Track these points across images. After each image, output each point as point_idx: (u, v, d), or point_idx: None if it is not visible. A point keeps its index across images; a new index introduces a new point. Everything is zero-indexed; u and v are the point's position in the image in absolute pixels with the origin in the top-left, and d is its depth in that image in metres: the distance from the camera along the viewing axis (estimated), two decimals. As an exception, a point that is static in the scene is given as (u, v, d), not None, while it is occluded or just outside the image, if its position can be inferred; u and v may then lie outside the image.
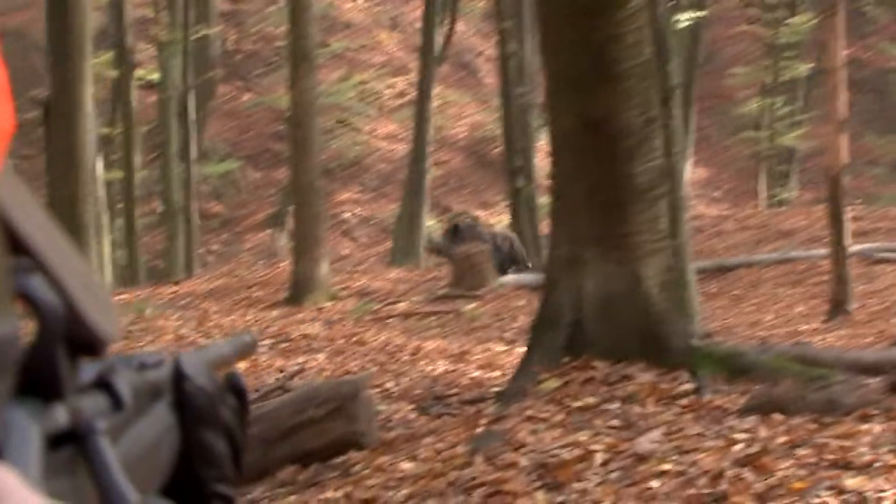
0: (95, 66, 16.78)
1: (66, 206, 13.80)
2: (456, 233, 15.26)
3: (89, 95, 13.92)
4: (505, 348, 9.13)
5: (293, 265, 13.91)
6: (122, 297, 15.10)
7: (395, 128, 26.91)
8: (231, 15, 29.34)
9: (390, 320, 11.87)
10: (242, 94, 28.63)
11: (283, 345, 9.75)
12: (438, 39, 20.70)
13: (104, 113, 22.15)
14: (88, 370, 0.67)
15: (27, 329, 0.57)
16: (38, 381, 0.58)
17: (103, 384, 0.68)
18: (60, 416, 0.60)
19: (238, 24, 29.48)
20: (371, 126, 27.60)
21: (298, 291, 13.37)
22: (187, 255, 21.61)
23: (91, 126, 14.36)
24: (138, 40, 23.32)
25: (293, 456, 5.91)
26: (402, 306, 12.99)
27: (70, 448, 0.60)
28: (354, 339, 10.05)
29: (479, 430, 5.68)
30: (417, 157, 20.08)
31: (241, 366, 8.67)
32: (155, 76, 23.66)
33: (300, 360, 8.97)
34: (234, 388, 0.90)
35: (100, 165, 18.22)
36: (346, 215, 23.65)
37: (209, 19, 26.03)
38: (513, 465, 5.00)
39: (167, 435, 0.79)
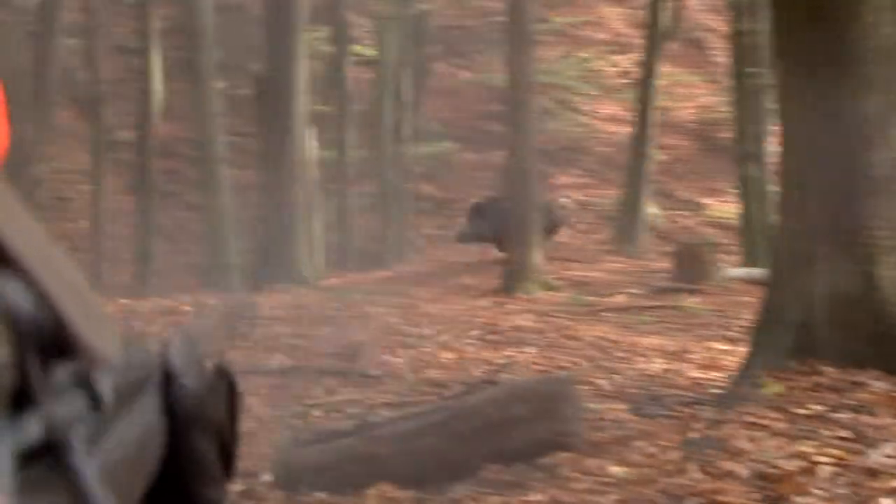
0: (311, 41, 17.24)
1: (277, 185, 14.27)
2: (479, 212, 15.39)
3: (303, 72, 14.32)
4: (726, 347, 8.95)
5: (506, 252, 13.98)
6: (332, 281, 15.49)
7: (617, 109, 26.68)
8: (450, -11, 29.64)
9: (605, 313, 11.77)
10: (460, 71, 28.91)
11: (492, 336, 9.79)
12: (666, 15, 20.38)
13: (321, 90, 22.72)
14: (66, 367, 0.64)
15: None
16: (9, 390, 0.57)
17: (82, 382, 0.64)
18: (33, 428, 0.58)
19: (457, -1, 29.77)
20: (592, 107, 27.42)
21: (511, 280, 13.42)
22: (399, 238, 21.98)
23: (304, 104, 14.77)
24: (356, 15, 23.83)
25: (496, 454, 5.92)
26: (618, 299, 12.88)
27: (45, 462, 0.58)
28: (567, 332, 10.02)
29: (694, 434, 5.59)
30: (640, 140, 19.84)
31: (447, 357, 8.77)
32: (371, 52, 24.13)
33: (509, 352, 9.00)
34: (224, 376, 0.87)
35: (314, 144, 18.72)
36: (564, 200, 23.57)
37: (427, -6, 26.36)
38: (730, 474, 4.89)
39: (151, 434, 0.77)
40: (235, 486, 6.23)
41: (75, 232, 19.20)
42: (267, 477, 6.21)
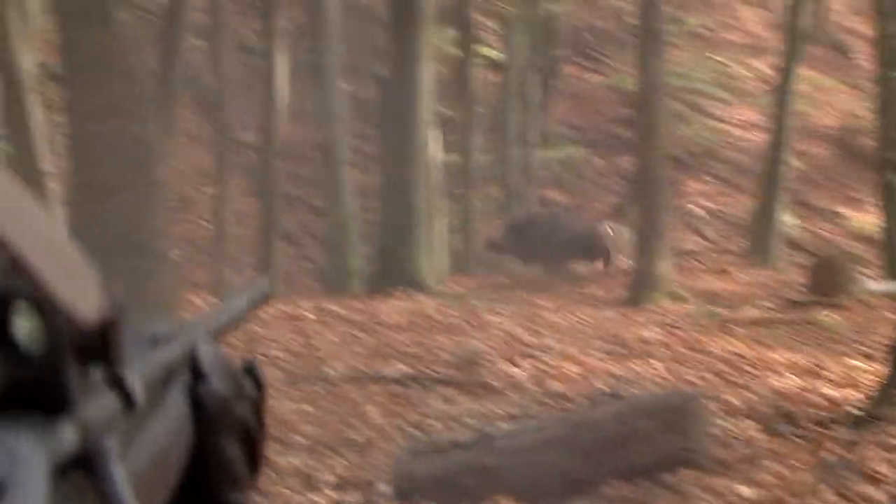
0: (437, 43, 17.33)
1: (398, 187, 14.35)
2: (515, 227, 15.62)
3: (427, 74, 14.37)
4: (864, 365, 8.72)
5: (634, 261, 13.84)
6: (453, 287, 15.50)
7: (752, 114, 26.27)
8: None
9: (736, 326, 11.56)
10: (589, 74, 28.77)
11: (617, 348, 9.70)
12: (807, 17, 20.01)
13: (447, 93, 22.80)
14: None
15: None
16: (43, 393, 0.55)
17: (115, 382, 0.63)
18: (68, 436, 0.56)
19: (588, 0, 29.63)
20: (726, 111, 27.06)
21: (638, 289, 13.28)
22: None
23: (428, 106, 14.84)
24: (483, 16, 23.87)
25: (619, 470, 5.86)
26: (749, 311, 12.64)
27: (78, 472, 0.57)
28: (695, 345, 9.88)
29: (829, 456, 5.46)
30: (777, 147, 19.50)
31: (570, 369, 8.71)
32: (498, 54, 24.15)
33: (634, 366, 8.90)
34: (252, 374, 0.88)
35: (438, 147, 18.80)
36: (694, 208, 23.28)
37: (557, -6, 26.30)
38: (867, 499, 4.77)
39: (179, 436, 0.77)
40: (353, 497, 6.26)
41: (198, 234, 19.60)
42: (384, 487, 6.24)
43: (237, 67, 20.97)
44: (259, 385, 0.89)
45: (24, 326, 0.54)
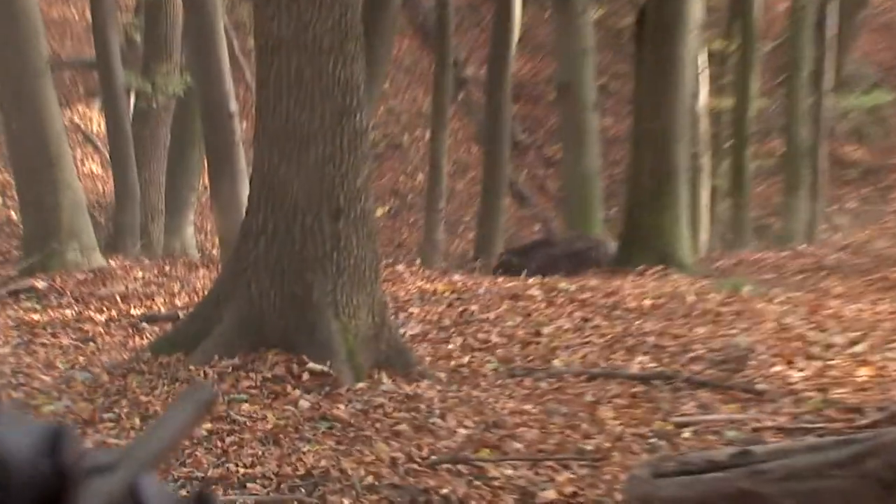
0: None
1: (654, 140, 14.16)
2: (528, 251, 15.49)
3: (695, 3, 14.13)
4: None
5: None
6: (716, 264, 15.26)
7: None
8: None
9: None
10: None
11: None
12: None
13: (719, 24, 22.42)
14: None
15: None
16: None
17: None
18: None
19: None
20: None
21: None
22: (811, 213, 21.46)
23: (695, 40, 14.61)
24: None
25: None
26: None
27: None
28: None
29: None
30: None
31: (863, 374, 8.45)
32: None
33: (945, 372, 8.60)
34: None
35: (704, 92, 18.55)
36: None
37: None
38: None
39: None
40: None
41: (408, 187, 19.87)
42: (617, 510, 6.18)
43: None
44: None
45: None
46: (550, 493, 6.42)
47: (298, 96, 8.74)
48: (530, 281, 12.47)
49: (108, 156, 18.76)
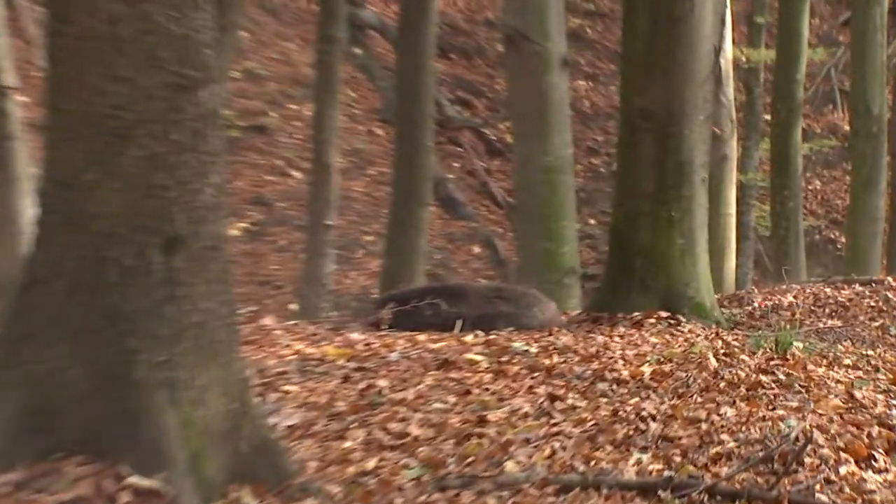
0: None
1: (654, 118, 14.29)
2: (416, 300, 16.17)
3: None
4: None
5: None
6: (754, 304, 15.34)
7: None
8: None
9: None
10: None
11: None
12: None
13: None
14: None
15: None
16: None
17: None
18: None
19: None
20: None
21: None
22: None
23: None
24: None
25: None
26: None
27: None
28: None
29: None
30: None
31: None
32: None
33: None
34: None
35: (728, 40, 18.60)
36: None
37: None
38: None
39: None
40: None
41: (282, 192, 19.93)
42: None
43: None
44: None
45: None
46: None
47: (111, 64, 8.59)
48: (468, 339, 12.42)
49: None
